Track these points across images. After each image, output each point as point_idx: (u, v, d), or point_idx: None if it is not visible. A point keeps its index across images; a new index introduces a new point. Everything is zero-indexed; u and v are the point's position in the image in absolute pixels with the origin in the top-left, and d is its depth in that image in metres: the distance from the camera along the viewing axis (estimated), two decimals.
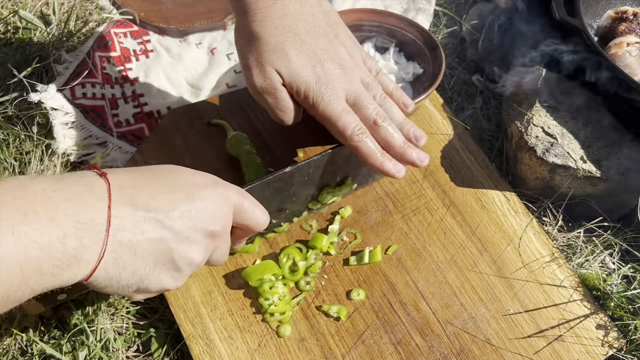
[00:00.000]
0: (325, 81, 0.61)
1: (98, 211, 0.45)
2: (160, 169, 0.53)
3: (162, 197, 0.49)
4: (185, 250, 0.50)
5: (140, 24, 0.91)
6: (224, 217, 0.53)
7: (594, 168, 0.73)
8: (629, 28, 0.84)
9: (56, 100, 0.80)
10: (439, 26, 0.97)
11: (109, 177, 0.47)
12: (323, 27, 0.64)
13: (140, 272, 0.48)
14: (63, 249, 0.43)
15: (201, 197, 0.51)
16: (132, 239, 0.47)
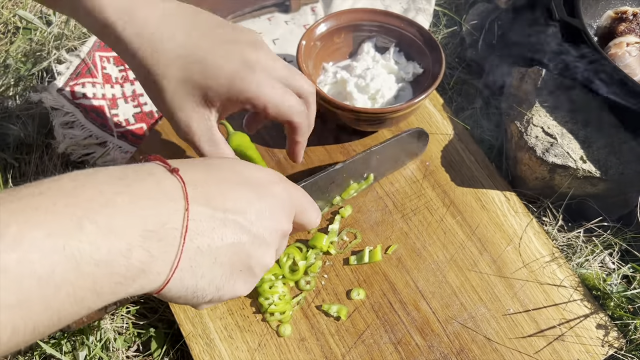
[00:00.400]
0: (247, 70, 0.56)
1: (170, 215, 0.40)
2: (227, 162, 0.48)
3: (236, 195, 0.44)
4: (262, 254, 0.46)
5: None
6: (291, 215, 0.50)
7: (594, 168, 0.73)
8: (629, 28, 0.84)
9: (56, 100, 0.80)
10: (439, 26, 0.97)
11: (181, 174, 0.42)
12: (212, 32, 0.57)
13: (217, 281, 0.44)
14: (127, 263, 0.37)
15: (273, 194, 0.47)
16: (211, 244, 0.42)
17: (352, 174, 0.71)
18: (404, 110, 0.73)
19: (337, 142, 0.79)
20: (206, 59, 0.54)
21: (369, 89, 0.77)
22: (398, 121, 0.78)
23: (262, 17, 0.94)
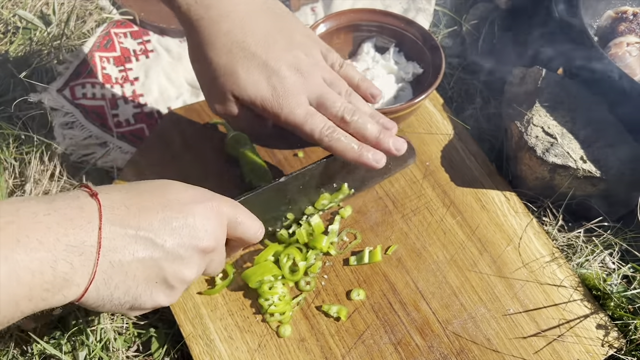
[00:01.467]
0: (281, 90, 0.60)
1: (88, 233, 0.45)
2: (151, 185, 0.52)
3: (153, 215, 0.49)
4: (177, 268, 0.50)
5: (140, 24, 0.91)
6: (217, 232, 0.53)
7: (594, 168, 0.73)
8: (629, 28, 0.84)
9: (56, 100, 0.80)
10: (439, 26, 0.97)
11: (100, 197, 0.47)
12: (273, 33, 0.61)
13: (132, 291, 0.48)
14: (54, 273, 0.43)
15: (193, 213, 0.51)
16: (122, 259, 0.47)
17: (309, 185, 0.67)
18: (404, 110, 0.73)
19: None
20: (240, 79, 0.59)
21: None
22: (398, 121, 0.78)
23: None
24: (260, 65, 0.60)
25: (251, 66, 0.59)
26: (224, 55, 0.59)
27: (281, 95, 0.60)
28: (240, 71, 0.59)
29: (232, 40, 0.59)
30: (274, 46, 0.60)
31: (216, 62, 0.60)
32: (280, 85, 0.60)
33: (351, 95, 0.64)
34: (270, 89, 0.60)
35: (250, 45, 0.60)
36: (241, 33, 0.60)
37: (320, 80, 0.62)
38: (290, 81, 0.60)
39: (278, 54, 0.60)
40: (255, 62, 0.59)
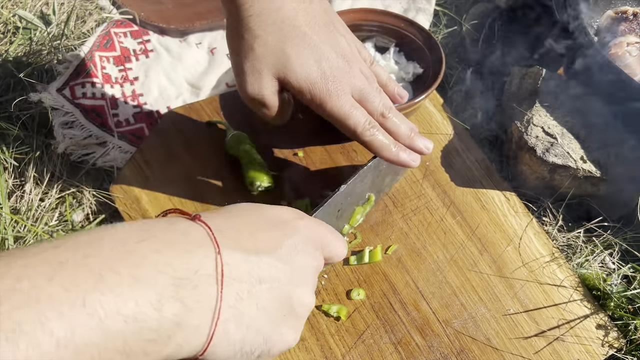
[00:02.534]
0: (331, 76, 0.56)
1: (202, 260, 0.36)
2: (242, 206, 0.46)
3: (264, 235, 0.42)
4: (302, 293, 0.43)
5: (140, 24, 0.91)
6: (320, 249, 0.47)
7: (594, 168, 0.73)
8: (629, 28, 0.84)
9: (56, 99, 0.80)
10: (439, 26, 0.97)
11: (205, 220, 0.39)
12: (322, 16, 0.58)
13: (263, 330, 0.39)
14: (159, 316, 0.33)
15: (298, 231, 0.44)
16: (251, 289, 0.38)
17: (355, 196, 0.65)
18: (404, 110, 0.73)
19: (337, 142, 0.79)
20: (290, 59, 0.55)
21: None
22: None
23: None
24: (311, 46, 0.56)
25: (302, 47, 0.55)
26: (274, 31, 0.54)
27: (330, 81, 0.56)
28: (292, 51, 0.55)
29: (283, 17, 0.55)
30: (324, 29, 0.57)
31: (265, 39, 0.54)
32: (330, 70, 0.56)
33: (381, 92, 0.62)
34: (320, 73, 0.56)
35: (302, 24, 0.56)
36: (292, 10, 0.55)
37: (360, 72, 0.60)
38: (338, 67, 0.57)
39: (327, 37, 0.57)
40: (307, 41, 0.56)
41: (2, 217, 0.71)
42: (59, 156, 0.78)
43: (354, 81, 0.59)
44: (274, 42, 0.55)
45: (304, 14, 0.57)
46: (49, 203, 0.74)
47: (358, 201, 0.68)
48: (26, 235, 0.71)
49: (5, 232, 0.70)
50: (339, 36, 0.59)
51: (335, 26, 0.60)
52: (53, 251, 0.32)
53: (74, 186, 0.76)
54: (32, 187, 0.75)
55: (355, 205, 0.68)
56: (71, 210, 0.74)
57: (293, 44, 0.55)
